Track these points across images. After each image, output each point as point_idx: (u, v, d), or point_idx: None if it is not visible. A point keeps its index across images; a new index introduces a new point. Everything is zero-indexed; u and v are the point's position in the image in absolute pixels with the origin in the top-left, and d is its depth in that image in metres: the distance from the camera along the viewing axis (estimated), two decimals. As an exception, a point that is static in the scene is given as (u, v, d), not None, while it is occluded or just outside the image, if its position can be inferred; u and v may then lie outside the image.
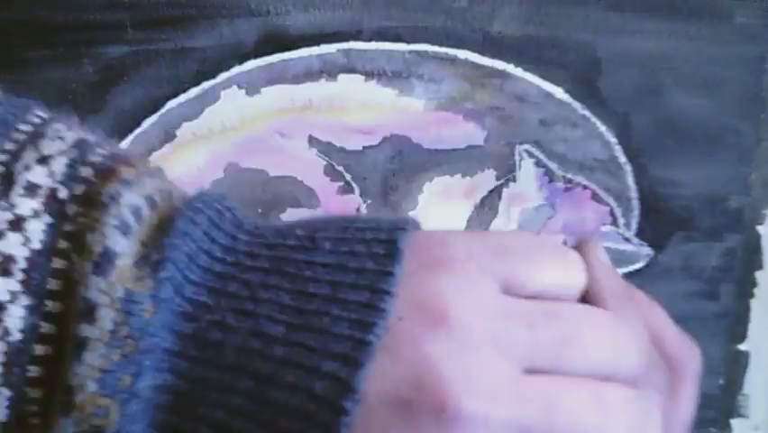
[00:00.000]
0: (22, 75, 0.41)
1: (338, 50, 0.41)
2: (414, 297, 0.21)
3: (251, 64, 0.41)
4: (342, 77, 0.41)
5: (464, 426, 0.19)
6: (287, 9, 0.40)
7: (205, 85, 0.41)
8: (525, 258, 0.23)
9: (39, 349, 0.21)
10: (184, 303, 0.22)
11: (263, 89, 0.42)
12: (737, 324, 0.46)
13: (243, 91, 0.42)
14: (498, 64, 0.41)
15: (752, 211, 0.44)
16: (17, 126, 0.22)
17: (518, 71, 0.41)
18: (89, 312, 0.20)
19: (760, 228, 0.44)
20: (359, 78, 0.41)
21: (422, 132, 0.42)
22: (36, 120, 0.22)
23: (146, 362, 0.21)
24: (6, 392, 0.21)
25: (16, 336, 0.21)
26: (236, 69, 0.41)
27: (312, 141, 0.42)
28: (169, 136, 0.42)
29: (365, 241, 0.22)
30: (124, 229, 0.21)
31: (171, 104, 0.42)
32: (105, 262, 0.21)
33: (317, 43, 0.41)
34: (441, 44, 0.41)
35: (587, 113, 0.42)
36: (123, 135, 0.42)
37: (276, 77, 0.41)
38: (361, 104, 0.42)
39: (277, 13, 0.41)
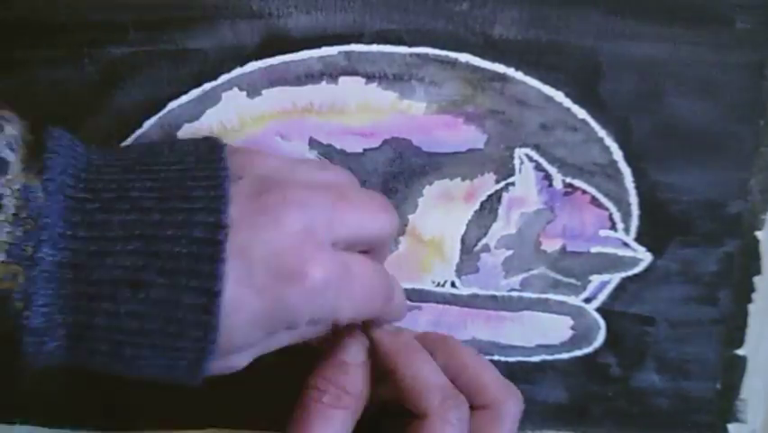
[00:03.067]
0: (22, 75, 0.41)
1: (339, 53, 0.41)
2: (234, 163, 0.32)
3: (252, 66, 0.41)
4: (343, 79, 0.41)
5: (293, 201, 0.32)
6: (288, 11, 0.40)
7: (206, 86, 0.41)
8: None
9: None
10: (67, 199, 0.29)
11: (264, 91, 0.42)
12: (735, 329, 0.46)
13: (244, 93, 0.42)
14: (499, 68, 0.41)
15: (750, 216, 0.44)
16: None
17: (519, 75, 0.41)
18: None
19: (758, 234, 0.44)
20: (360, 80, 0.41)
21: (422, 135, 0.42)
22: None
23: (43, 236, 0.28)
24: None
25: None
26: (237, 71, 0.41)
27: (312, 143, 0.42)
28: (169, 137, 0.42)
29: (192, 144, 0.33)
30: (11, 147, 0.29)
31: (172, 105, 0.42)
32: (2, 166, 0.28)
33: (318, 45, 0.41)
34: (442, 47, 0.41)
35: (587, 117, 0.42)
36: (123, 136, 0.42)
37: (277, 78, 0.41)
38: (361, 106, 0.42)
39: (278, 15, 0.41)
